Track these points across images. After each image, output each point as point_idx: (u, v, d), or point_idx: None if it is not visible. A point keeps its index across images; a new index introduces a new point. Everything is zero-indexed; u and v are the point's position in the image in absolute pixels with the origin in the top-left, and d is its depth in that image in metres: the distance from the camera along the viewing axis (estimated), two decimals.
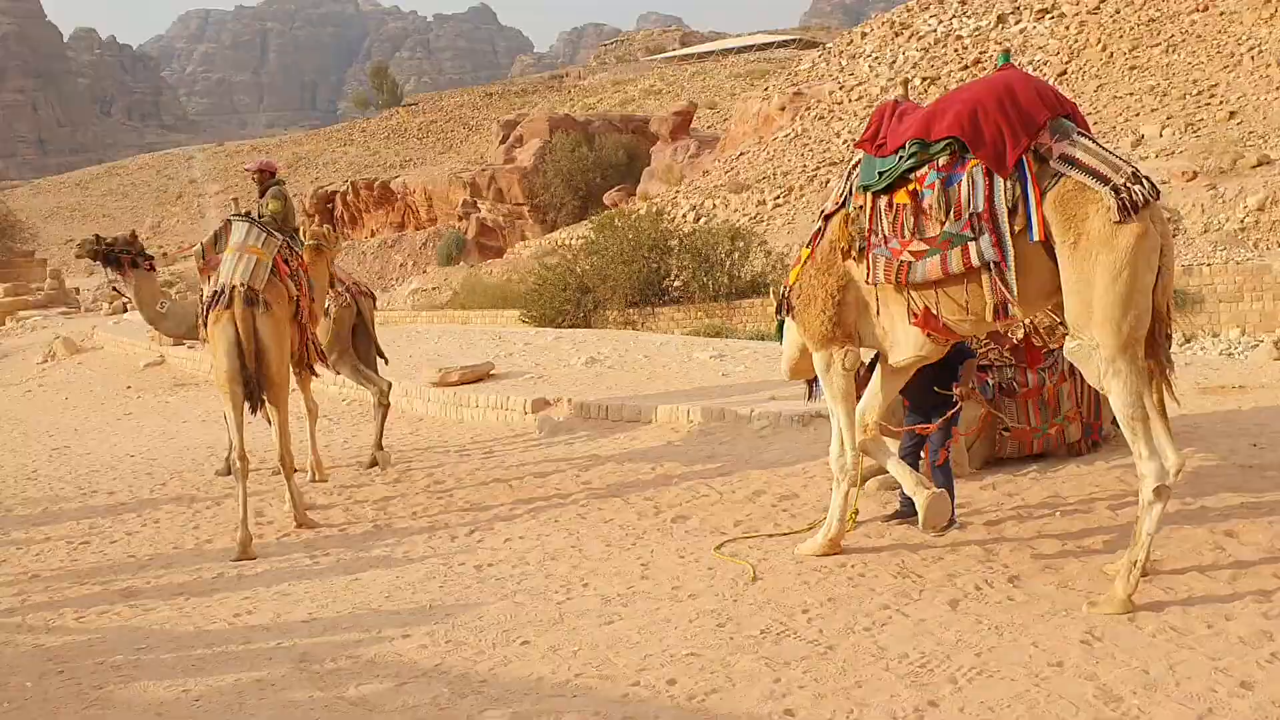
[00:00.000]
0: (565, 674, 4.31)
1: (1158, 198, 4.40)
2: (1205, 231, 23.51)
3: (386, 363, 9.98)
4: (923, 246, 4.69)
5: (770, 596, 5.04)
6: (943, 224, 4.63)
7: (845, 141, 42.53)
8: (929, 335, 4.98)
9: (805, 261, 5.34)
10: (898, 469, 5.43)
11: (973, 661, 4.10)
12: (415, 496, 8.02)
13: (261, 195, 8.52)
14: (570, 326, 22.95)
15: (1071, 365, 6.80)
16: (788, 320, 5.77)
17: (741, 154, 48.13)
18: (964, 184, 4.58)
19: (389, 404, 9.46)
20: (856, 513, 6.11)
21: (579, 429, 9.77)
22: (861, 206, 5.01)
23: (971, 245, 4.53)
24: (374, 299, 10.32)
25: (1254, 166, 24.70)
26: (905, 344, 5.09)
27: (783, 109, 49.55)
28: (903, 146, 4.83)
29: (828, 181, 37.49)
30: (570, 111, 69.43)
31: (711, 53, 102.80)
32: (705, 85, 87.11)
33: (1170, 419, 4.72)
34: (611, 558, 5.93)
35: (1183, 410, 6.26)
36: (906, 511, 5.91)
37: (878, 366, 5.62)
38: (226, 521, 7.62)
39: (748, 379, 10.96)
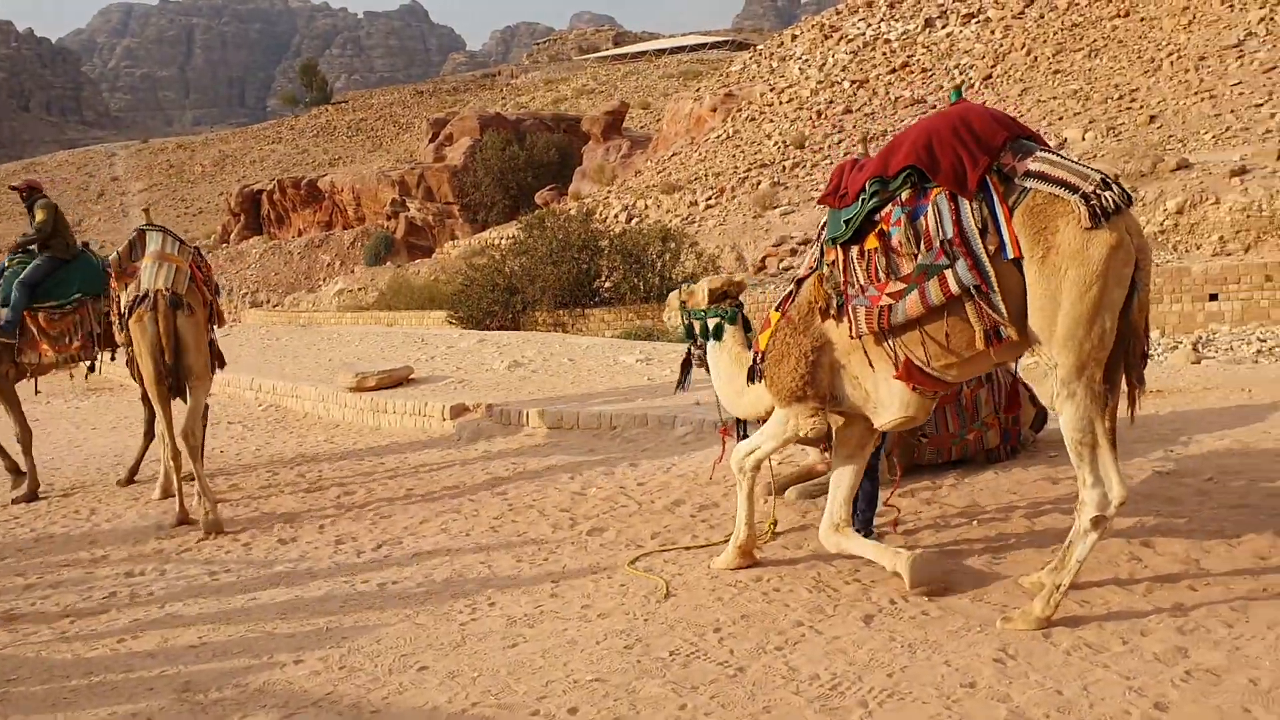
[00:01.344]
0: (462, 703, 4.10)
1: (1130, 204, 4.25)
2: None
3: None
4: (900, 286, 4.48)
5: (682, 614, 4.87)
6: (915, 258, 4.46)
7: (776, 143, 42.71)
8: (915, 390, 4.74)
9: (776, 324, 5.13)
10: (869, 547, 5.15)
11: (884, 683, 3.97)
12: (324, 509, 7.75)
13: (29, 209, 9.22)
14: (498, 328, 22.70)
15: (989, 372, 6.73)
16: (715, 347, 5.62)
17: (674, 154, 48.12)
18: (930, 213, 4.42)
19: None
20: (775, 523, 5.99)
21: (498, 436, 9.56)
22: (834, 261, 4.82)
23: (948, 273, 4.33)
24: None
25: (1173, 170, 25.14)
26: (891, 404, 4.82)
27: (714, 110, 49.64)
28: (863, 189, 4.69)
29: (759, 183, 37.61)
30: (502, 110, 69.00)
31: (644, 53, 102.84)
32: (638, 85, 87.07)
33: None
34: (521, 574, 5.73)
35: None
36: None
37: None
38: (127, 535, 7.34)
39: (674, 383, 10.80)
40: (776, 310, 5.17)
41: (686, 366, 6.13)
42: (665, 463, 8.05)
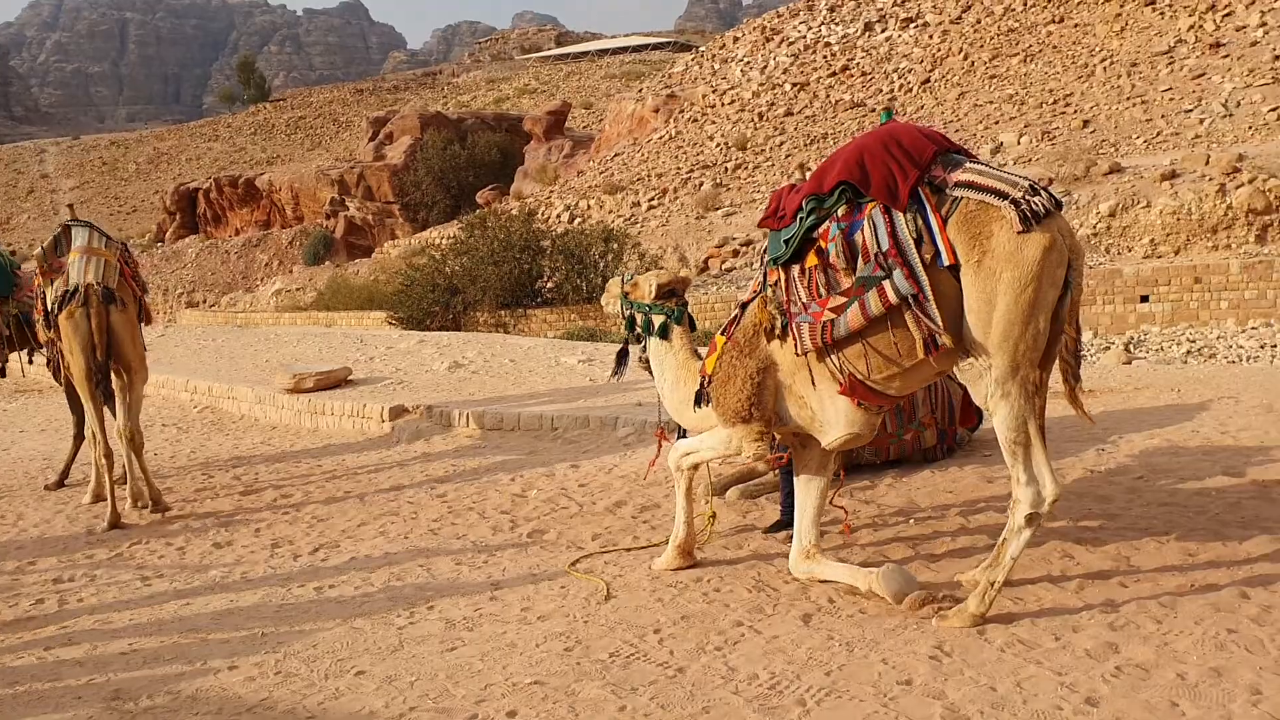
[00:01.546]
0: (400, 707, 4.06)
1: (1060, 208, 4.36)
2: None
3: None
4: (841, 300, 4.56)
5: (623, 616, 4.87)
6: (854, 273, 4.53)
7: (718, 145, 42.90)
8: (860, 405, 4.79)
9: (722, 348, 5.15)
10: (841, 570, 5.15)
11: (822, 681, 3.99)
12: (260, 512, 7.63)
13: None
14: (439, 329, 22.53)
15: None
16: (660, 347, 5.61)
17: (616, 155, 48.13)
18: (865, 228, 4.50)
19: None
20: (714, 517, 5.99)
21: (437, 438, 9.48)
22: (776, 282, 4.89)
23: (886, 284, 4.40)
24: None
25: (1106, 174, 25.64)
26: (837, 422, 4.87)
27: (656, 111, 49.75)
28: (800, 207, 4.76)
29: (701, 184, 37.75)
30: (443, 109, 68.56)
31: (587, 53, 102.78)
32: (580, 85, 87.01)
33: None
34: (461, 577, 5.69)
35: None
36: (786, 522, 5.80)
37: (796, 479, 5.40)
38: (56, 540, 7.18)
39: (616, 385, 10.79)
40: (722, 334, 5.19)
41: (622, 357, 6.07)
42: (607, 464, 8.04)
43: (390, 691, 4.21)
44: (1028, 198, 4.25)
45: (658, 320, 5.61)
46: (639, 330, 5.72)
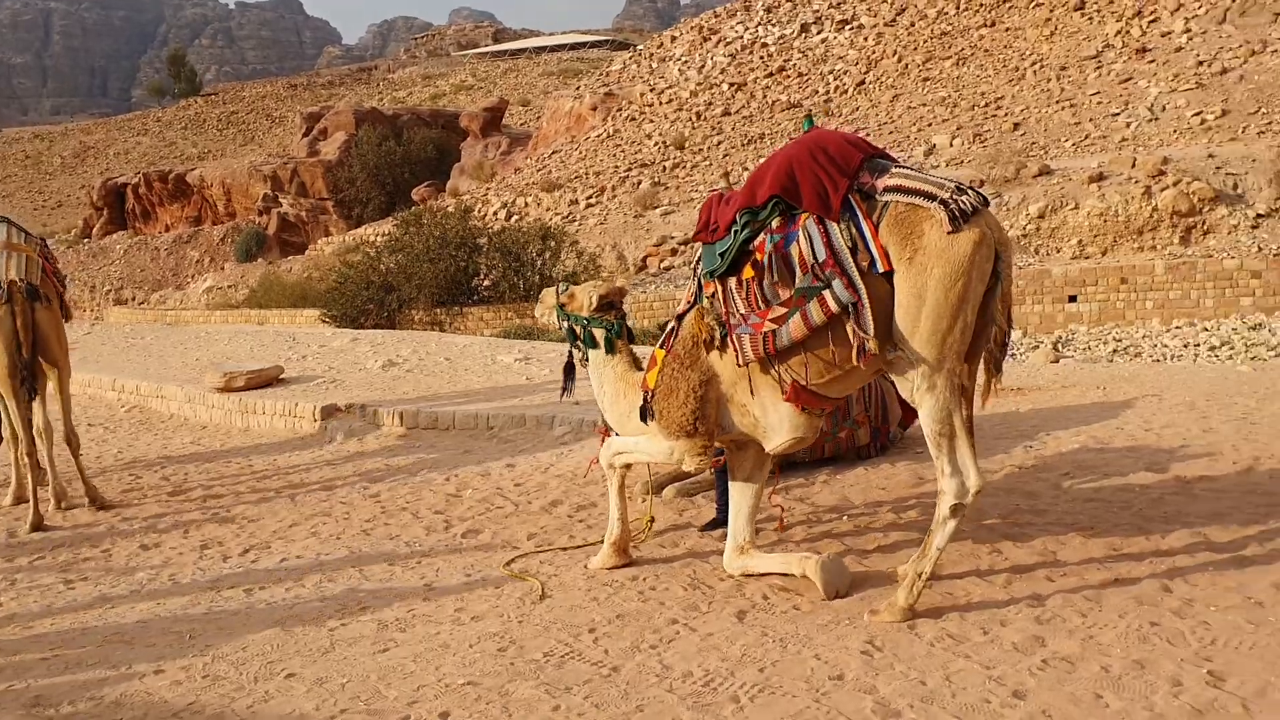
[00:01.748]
0: (330, 709, 4.01)
1: (987, 205, 4.44)
2: None
3: None
4: (781, 311, 4.60)
5: (558, 615, 4.85)
6: (791, 284, 4.58)
7: (656, 143, 42.96)
8: (803, 410, 4.83)
9: (663, 362, 5.14)
10: (775, 560, 5.18)
11: (756, 678, 4.01)
12: (190, 513, 7.50)
13: None
14: (373, 326, 22.32)
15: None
16: (600, 360, 5.58)
17: (554, 152, 48.01)
18: (801, 239, 4.55)
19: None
20: (652, 520, 6.01)
21: (370, 437, 9.39)
22: (713, 294, 4.92)
23: (826, 294, 4.45)
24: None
25: (1035, 176, 26.11)
26: (780, 427, 4.90)
27: (594, 109, 49.70)
28: (734, 221, 4.78)
29: (640, 183, 37.78)
30: (378, 105, 67.85)
31: (524, 50, 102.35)
32: (518, 82, 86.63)
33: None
34: (394, 578, 5.64)
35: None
36: (721, 520, 5.82)
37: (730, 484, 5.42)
38: None
39: (552, 383, 10.78)
40: (661, 348, 5.19)
41: (570, 371, 5.94)
42: (543, 463, 8.02)
43: (321, 694, 4.16)
44: (955, 197, 4.33)
45: (599, 334, 5.55)
46: (580, 342, 5.65)
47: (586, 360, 5.66)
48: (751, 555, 5.12)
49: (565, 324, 5.68)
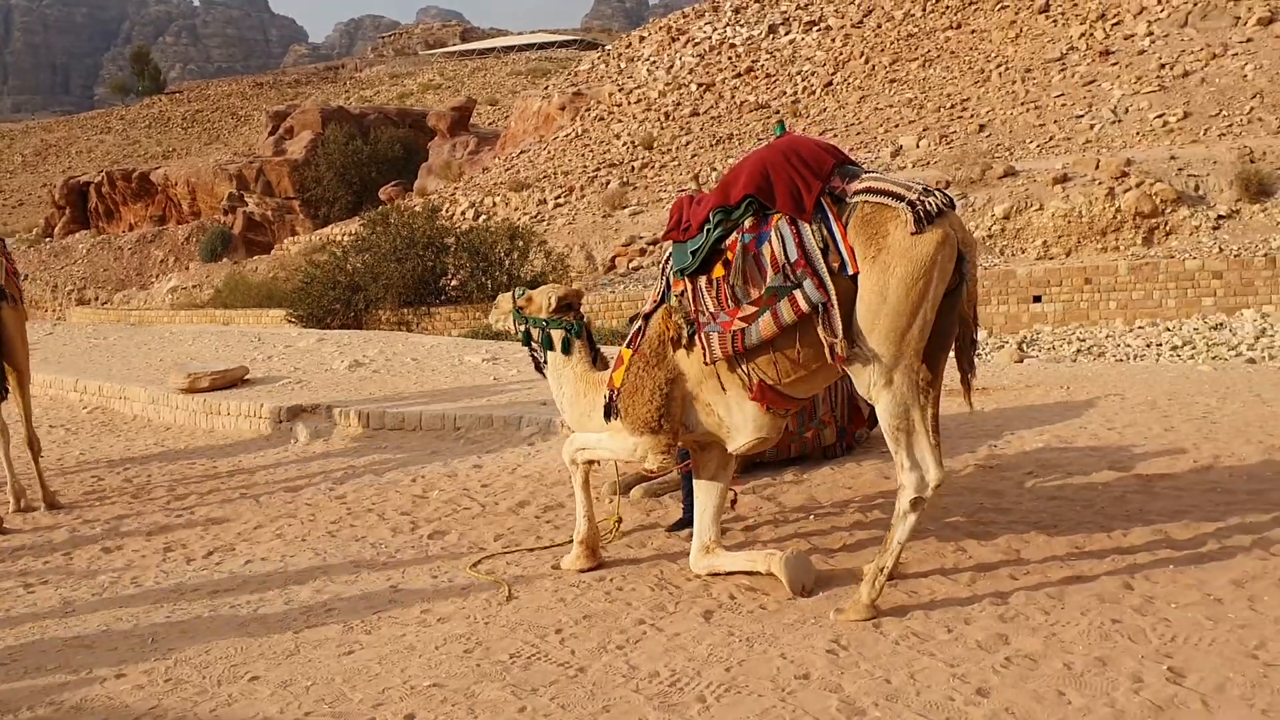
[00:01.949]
0: (295, 712, 3.98)
1: (953, 207, 4.50)
2: None
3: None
4: (751, 309, 4.64)
5: (524, 617, 4.84)
6: (763, 283, 4.63)
7: (625, 143, 42.98)
8: (768, 410, 4.87)
9: (630, 360, 5.14)
10: (740, 558, 5.19)
11: (722, 677, 4.02)
12: (153, 515, 7.42)
13: None
14: (340, 327, 22.20)
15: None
16: (560, 361, 5.55)
17: (522, 152, 47.93)
18: (773, 239, 4.60)
19: None
20: (620, 520, 6.01)
21: (336, 438, 9.33)
22: (682, 293, 4.94)
23: (797, 293, 4.51)
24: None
25: (1001, 177, 26.32)
26: (745, 427, 4.94)
27: (563, 108, 49.66)
28: (707, 219, 4.82)
29: (608, 183, 37.78)
30: (345, 104, 67.49)
31: (492, 50, 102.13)
32: (485, 82, 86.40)
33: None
34: (359, 579, 5.61)
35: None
36: (688, 520, 5.82)
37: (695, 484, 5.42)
38: None
39: (520, 383, 10.76)
40: (628, 347, 5.20)
41: (542, 368, 5.88)
42: (510, 463, 8.00)
43: (285, 697, 4.13)
44: (922, 198, 4.40)
45: (558, 336, 5.54)
46: (537, 344, 5.63)
47: (545, 362, 5.65)
48: (717, 555, 5.14)
49: (523, 327, 5.67)
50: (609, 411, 5.22)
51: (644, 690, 3.97)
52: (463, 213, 38.14)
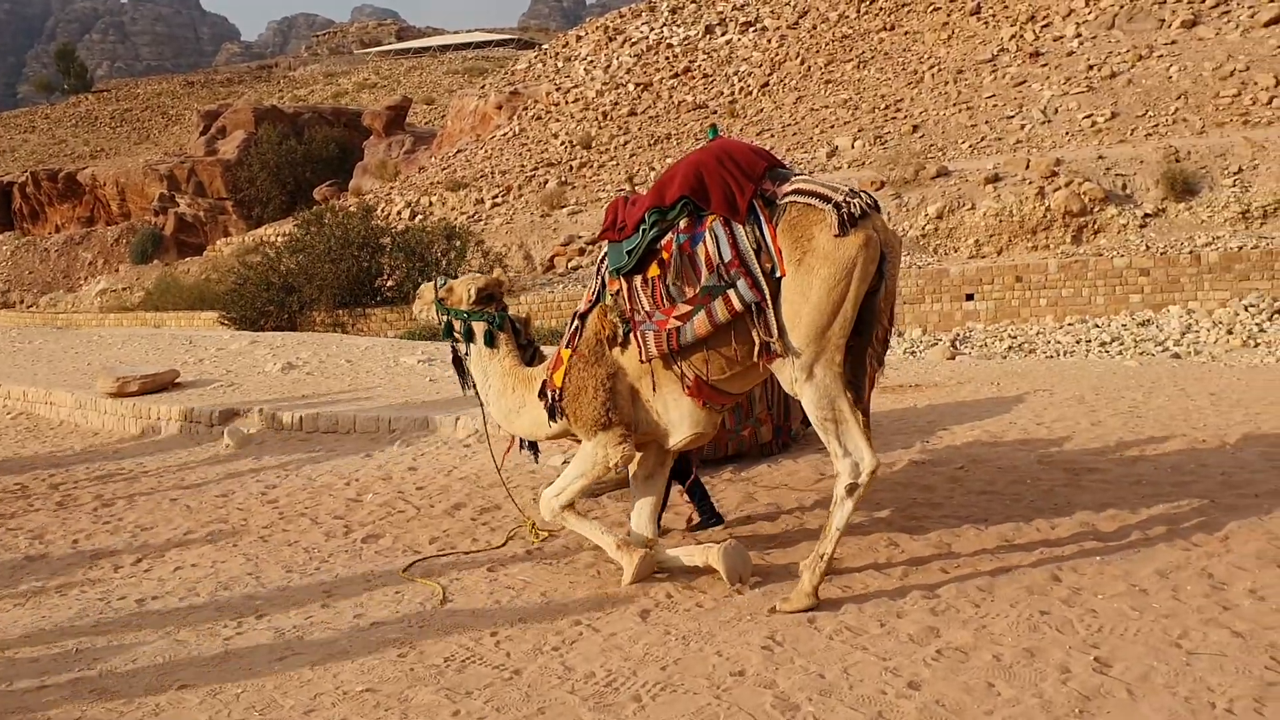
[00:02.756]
0: None
1: (877, 209, 4.61)
2: None
3: None
4: (686, 308, 4.72)
5: (459, 620, 4.81)
6: (698, 282, 4.70)
7: (563, 143, 42.88)
8: (705, 405, 4.94)
9: (569, 361, 5.13)
10: (677, 554, 5.16)
11: (658, 676, 4.02)
12: (79, 521, 7.26)
13: None
14: (273, 329, 21.92)
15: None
16: (483, 354, 5.51)
17: (459, 151, 47.61)
18: (707, 239, 4.69)
19: None
20: (535, 525, 5.96)
21: (269, 442, 9.20)
22: (618, 292, 4.98)
23: (731, 292, 4.60)
24: None
25: (934, 177, 26.65)
26: (682, 423, 5.01)
27: (500, 108, 49.42)
28: (642, 220, 4.88)
29: (546, 182, 37.66)
30: (279, 103, 66.57)
31: (428, 48, 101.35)
32: (421, 81, 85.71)
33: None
34: (291, 584, 5.53)
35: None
36: (708, 520, 5.78)
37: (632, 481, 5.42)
38: None
39: (457, 385, 10.67)
40: (566, 348, 5.19)
41: (460, 365, 5.81)
42: (446, 466, 7.94)
43: (215, 705, 4.06)
44: (847, 200, 4.51)
45: (480, 328, 5.46)
46: (458, 337, 5.55)
47: (468, 356, 5.58)
48: (656, 551, 5.16)
49: (444, 319, 5.58)
50: (553, 413, 5.21)
51: (579, 691, 3.96)
52: (399, 212, 37.81)
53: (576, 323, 5.25)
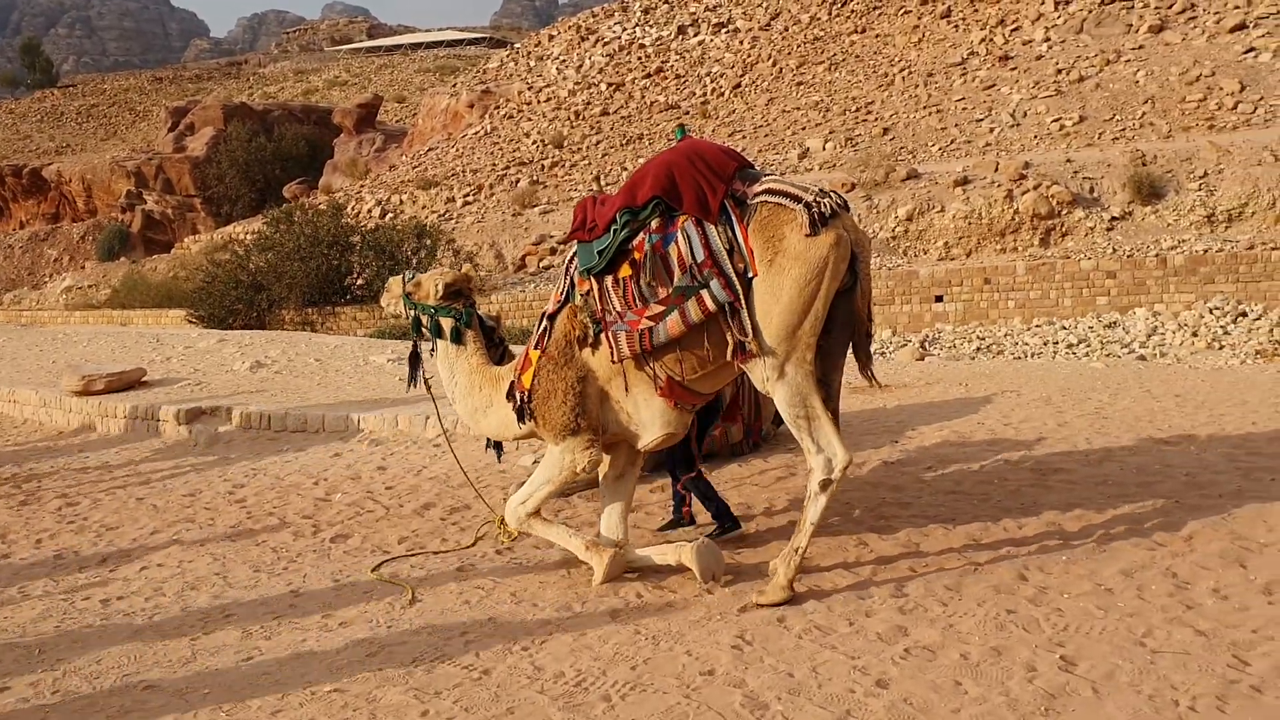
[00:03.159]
0: None
1: (847, 209, 4.65)
2: None
3: None
4: (659, 309, 4.72)
5: (428, 620, 4.79)
6: (671, 284, 4.70)
7: (535, 142, 42.79)
8: (676, 406, 4.93)
9: (537, 363, 5.10)
10: (650, 553, 5.16)
11: (628, 676, 4.02)
12: (43, 521, 7.18)
13: None
14: (242, 327, 21.76)
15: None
16: (450, 351, 5.48)
17: (430, 149, 47.43)
18: (680, 239, 4.69)
19: None
20: (503, 521, 5.93)
21: (237, 440, 9.13)
22: (588, 292, 4.95)
23: (704, 293, 4.60)
24: None
25: (904, 179, 26.80)
26: (653, 424, 4.99)
27: (471, 106, 49.25)
28: (614, 220, 4.86)
29: (518, 181, 37.57)
30: (248, 100, 66.10)
31: (400, 46, 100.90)
32: (393, 79, 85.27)
33: None
34: (259, 584, 5.49)
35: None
36: (725, 523, 5.75)
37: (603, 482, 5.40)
38: None
39: (422, 383, 10.62)
40: (535, 349, 5.16)
41: (415, 361, 5.78)
42: (415, 465, 7.91)
43: (180, 706, 4.02)
44: (818, 200, 4.55)
45: (447, 324, 5.40)
46: (426, 332, 5.50)
47: (434, 352, 5.54)
48: (626, 553, 5.17)
49: (412, 313, 5.52)
50: (522, 415, 5.19)
51: (549, 691, 3.95)
52: (369, 211, 37.61)
53: (545, 324, 5.23)
